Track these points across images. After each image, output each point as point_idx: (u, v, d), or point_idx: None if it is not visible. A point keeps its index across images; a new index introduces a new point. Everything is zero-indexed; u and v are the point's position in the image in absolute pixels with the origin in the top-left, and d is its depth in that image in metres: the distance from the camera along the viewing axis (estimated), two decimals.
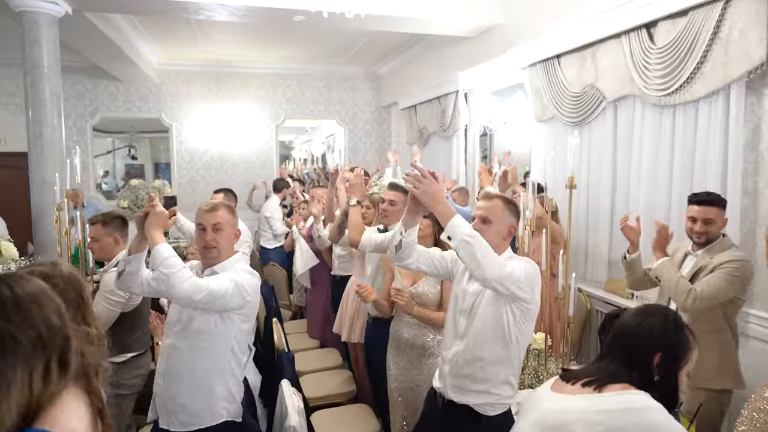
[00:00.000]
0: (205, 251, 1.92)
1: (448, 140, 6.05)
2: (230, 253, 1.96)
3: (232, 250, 1.98)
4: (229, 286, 1.78)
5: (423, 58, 6.61)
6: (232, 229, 1.94)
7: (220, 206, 1.95)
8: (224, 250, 1.94)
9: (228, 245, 1.94)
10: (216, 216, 1.91)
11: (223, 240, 1.92)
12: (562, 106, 3.83)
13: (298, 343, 3.71)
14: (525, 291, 1.73)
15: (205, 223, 1.90)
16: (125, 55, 5.93)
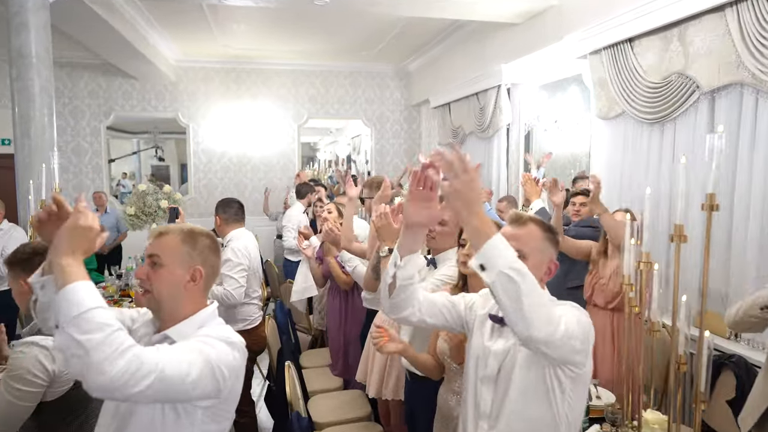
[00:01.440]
0: (143, 298, 1.27)
1: (488, 141, 5.42)
2: (191, 307, 1.25)
3: (197, 301, 1.27)
4: (193, 364, 1.10)
5: (458, 51, 5.99)
6: (183, 267, 1.24)
7: (171, 232, 1.28)
8: (168, 300, 1.23)
9: (173, 293, 1.23)
10: (157, 244, 1.26)
11: (161, 283, 1.23)
12: (635, 99, 3.18)
13: (317, 381, 3.13)
14: (580, 352, 1.27)
15: (145, 253, 1.29)
16: (137, 50, 5.49)
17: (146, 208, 4.77)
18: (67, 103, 6.89)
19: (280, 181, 7.51)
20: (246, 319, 3.04)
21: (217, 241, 1.36)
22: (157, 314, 1.28)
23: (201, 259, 1.27)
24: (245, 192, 7.46)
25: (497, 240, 1.12)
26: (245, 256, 2.93)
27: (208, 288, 1.32)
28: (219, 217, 3.07)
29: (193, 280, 1.26)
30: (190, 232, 1.29)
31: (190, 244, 1.27)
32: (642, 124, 3.21)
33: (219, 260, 1.34)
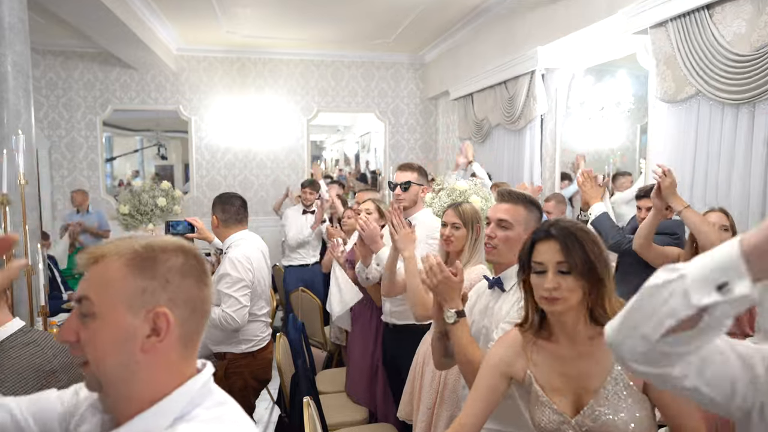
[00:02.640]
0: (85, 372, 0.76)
1: (518, 134, 4.92)
2: (160, 381, 0.75)
3: (171, 369, 0.76)
4: None
5: (483, 37, 5.50)
6: (134, 313, 0.74)
7: (110, 254, 0.75)
8: (115, 377, 0.74)
9: (121, 362, 0.74)
10: (88, 279, 0.76)
11: (98, 347, 0.73)
12: (714, 77, 2.67)
13: (337, 410, 2.64)
14: None
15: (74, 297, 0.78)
16: (136, 36, 5.04)
17: (141, 206, 4.31)
18: (61, 95, 6.43)
19: (288, 179, 7.04)
20: (250, 340, 2.54)
21: (197, 256, 0.82)
22: (102, 400, 0.78)
23: (167, 295, 0.76)
24: (251, 190, 6.99)
25: None
26: (247, 268, 2.41)
27: (192, 341, 0.80)
28: (216, 218, 2.53)
29: (156, 333, 0.74)
30: (146, 249, 0.77)
31: (144, 271, 0.75)
32: (722, 107, 2.70)
33: (205, 287, 0.82)
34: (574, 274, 1.18)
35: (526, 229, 1.59)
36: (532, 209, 1.64)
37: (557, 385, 1.22)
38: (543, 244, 1.22)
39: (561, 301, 1.18)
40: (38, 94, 6.31)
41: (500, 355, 1.30)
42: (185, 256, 0.79)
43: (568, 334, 1.23)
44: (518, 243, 1.55)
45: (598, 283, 1.18)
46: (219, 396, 0.79)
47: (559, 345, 1.24)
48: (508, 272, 1.61)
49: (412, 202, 2.55)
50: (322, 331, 3.63)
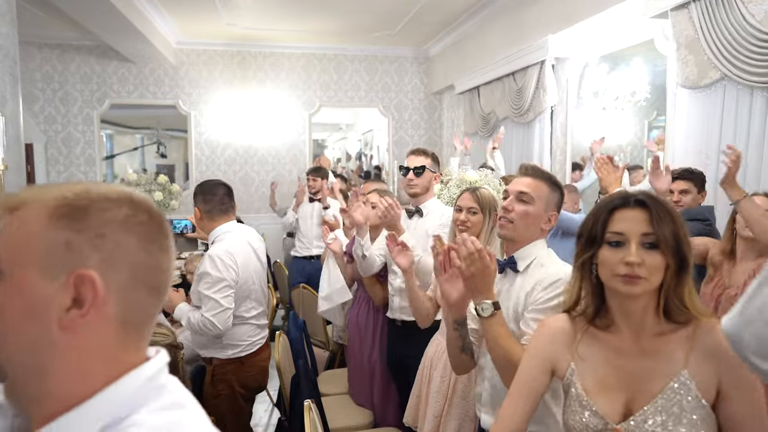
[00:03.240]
0: None
1: (527, 126, 4.76)
2: (86, 373, 0.55)
3: (104, 359, 0.57)
4: None
5: (490, 28, 5.34)
6: (51, 277, 0.54)
7: (32, 201, 0.55)
8: (23, 364, 0.54)
9: (33, 342, 0.54)
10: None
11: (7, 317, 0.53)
12: (742, 60, 2.51)
13: (339, 414, 2.48)
14: None
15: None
16: (134, 27, 4.90)
17: None
18: (57, 89, 6.29)
19: (290, 174, 6.89)
20: (237, 345, 2.27)
21: (153, 212, 0.62)
22: (9, 396, 0.59)
23: (100, 255, 0.56)
24: (251, 186, 6.84)
25: None
26: (229, 266, 2.14)
27: (137, 323, 0.61)
28: (198, 209, 2.26)
29: (79, 303, 0.55)
30: (77, 196, 0.57)
31: (71, 221, 0.56)
32: (751, 91, 2.54)
33: (160, 252, 0.62)
34: (662, 249, 0.99)
35: (546, 208, 1.45)
36: (555, 189, 1.48)
37: (608, 382, 1.04)
38: (625, 212, 1.02)
39: (643, 281, 0.98)
40: (34, 87, 6.18)
41: (544, 345, 1.12)
42: (134, 208, 0.60)
43: (633, 325, 1.04)
44: (536, 221, 1.42)
45: (683, 266, 1.00)
46: (176, 395, 0.60)
47: (618, 337, 1.05)
48: (523, 251, 1.45)
49: (424, 189, 2.41)
50: (324, 329, 3.47)
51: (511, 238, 1.46)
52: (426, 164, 2.43)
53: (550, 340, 1.12)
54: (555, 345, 1.11)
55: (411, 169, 2.42)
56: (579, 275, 1.09)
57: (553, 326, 1.14)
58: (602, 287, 1.06)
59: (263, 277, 2.40)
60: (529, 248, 1.44)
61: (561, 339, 1.11)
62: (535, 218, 1.43)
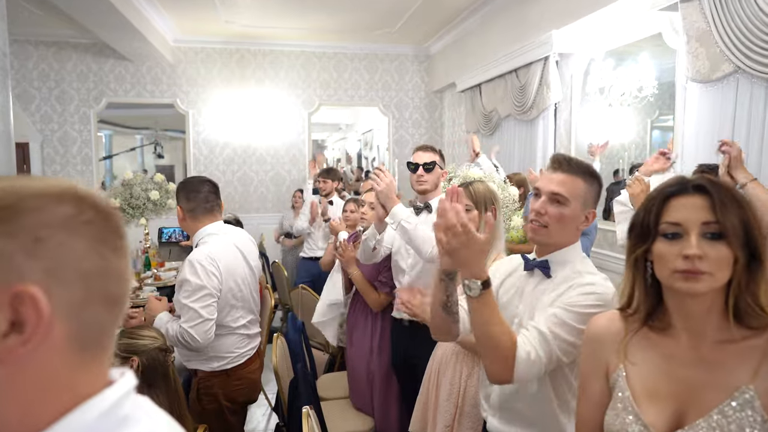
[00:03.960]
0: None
1: (530, 124, 4.68)
2: (35, 408, 0.45)
3: (57, 389, 0.46)
4: None
5: (491, 25, 5.26)
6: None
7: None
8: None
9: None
10: None
11: None
12: (757, 50, 2.42)
13: (339, 421, 2.38)
14: None
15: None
16: (132, 25, 4.82)
17: (133, 200, 4.07)
18: (53, 87, 6.20)
19: (289, 174, 6.81)
20: (223, 357, 2.07)
21: (101, 207, 0.52)
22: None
23: (40, 263, 0.46)
24: (250, 186, 6.75)
25: None
26: (211, 272, 1.93)
27: (93, 341, 0.51)
28: (181, 208, 2.06)
29: (18, 329, 0.45)
30: (4, 193, 0.47)
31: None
32: (766, 84, 2.46)
33: (113, 255, 0.52)
34: (729, 240, 0.86)
35: (584, 206, 1.30)
36: (593, 183, 1.32)
37: (659, 390, 0.92)
38: (682, 199, 0.90)
39: (706, 277, 0.86)
40: (30, 86, 6.10)
41: (594, 349, 1.02)
42: (77, 204, 0.49)
43: (693, 329, 0.92)
44: (573, 222, 1.29)
45: (755, 259, 0.86)
46: (142, 426, 0.50)
47: (675, 341, 0.94)
48: (558, 255, 1.31)
49: (434, 185, 2.34)
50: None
51: (545, 243, 1.34)
52: (435, 160, 2.37)
53: (599, 342, 1.02)
54: (605, 345, 1.01)
55: (420, 165, 2.35)
56: (632, 273, 0.97)
57: (603, 325, 1.03)
58: (659, 286, 0.95)
59: (253, 284, 2.20)
60: (564, 253, 1.31)
61: (611, 339, 1.00)
62: (572, 220, 1.29)
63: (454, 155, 6.54)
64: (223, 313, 2.03)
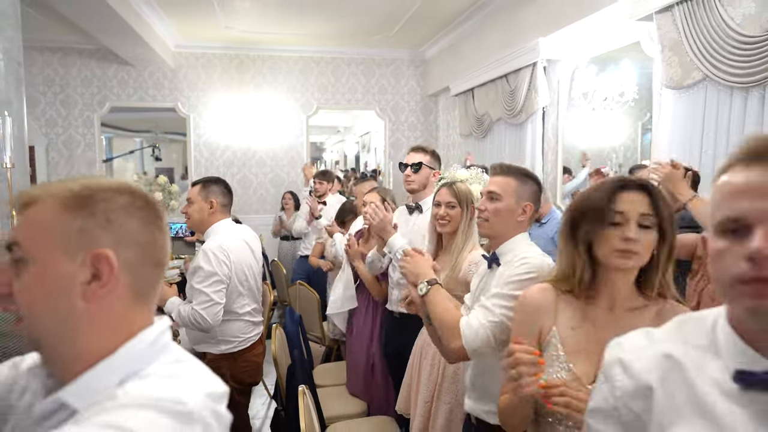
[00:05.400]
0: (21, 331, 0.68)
1: (519, 128, 4.85)
2: (106, 336, 0.67)
3: (117, 324, 0.68)
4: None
5: (484, 31, 5.44)
6: (69, 257, 0.65)
7: (44, 197, 0.67)
8: (52, 332, 0.66)
9: (58, 314, 0.65)
10: (20, 224, 0.69)
11: (32, 298, 0.65)
12: (722, 60, 2.60)
13: (334, 403, 2.56)
14: None
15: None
16: (134, 31, 4.99)
17: None
18: (58, 92, 6.38)
19: (288, 176, 6.98)
20: (230, 341, 2.30)
21: (148, 198, 0.75)
22: (44, 360, 0.71)
23: (110, 236, 0.67)
24: (250, 188, 6.93)
25: None
26: (222, 261, 2.17)
27: (145, 291, 0.72)
28: (214, 202, 2.31)
29: (97, 276, 0.66)
30: (82, 188, 0.68)
31: (80, 210, 0.67)
32: (731, 91, 2.63)
33: (158, 232, 0.74)
34: (656, 230, 1.11)
35: (519, 200, 1.52)
36: (526, 181, 1.55)
37: (584, 347, 1.13)
38: (628, 194, 1.12)
39: (636, 257, 1.09)
40: (35, 90, 6.26)
41: (528, 315, 1.21)
42: (131, 196, 0.71)
43: (612, 298, 1.15)
44: (510, 215, 1.50)
45: (670, 246, 1.12)
46: (176, 353, 0.72)
47: (597, 308, 1.15)
48: (504, 246, 1.54)
49: (422, 185, 2.47)
50: (320, 325, 3.55)
51: (489, 236, 1.56)
52: (424, 161, 2.48)
53: (534, 309, 1.20)
54: (540, 312, 1.19)
55: (409, 165, 2.48)
56: (577, 251, 1.15)
57: (537, 295, 1.21)
58: (592, 262, 1.15)
59: (258, 275, 2.44)
60: (509, 243, 1.53)
61: (546, 307, 1.19)
62: (507, 213, 1.51)
63: (449, 158, 6.72)
64: (231, 300, 2.24)
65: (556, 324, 1.17)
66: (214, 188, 2.31)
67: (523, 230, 1.54)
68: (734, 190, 0.66)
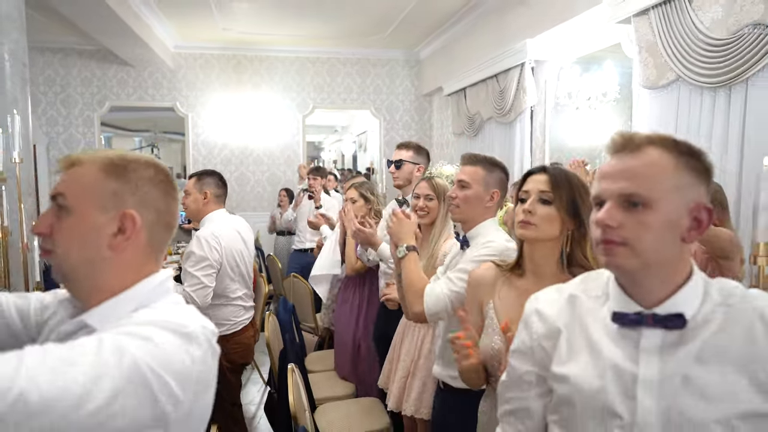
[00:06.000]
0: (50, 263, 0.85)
1: (509, 126, 4.99)
2: (124, 276, 0.83)
3: (134, 267, 0.85)
4: (101, 381, 0.64)
5: (475, 32, 5.58)
6: (104, 212, 0.82)
7: (88, 161, 0.84)
8: (82, 265, 0.81)
9: (89, 253, 0.82)
10: (65, 179, 0.84)
11: (69, 238, 0.81)
12: (692, 62, 2.74)
13: (324, 386, 2.70)
14: None
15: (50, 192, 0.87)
16: (134, 32, 5.12)
17: None
18: (59, 92, 6.51)
19: (284, 175, 7.11)
20: (223, 324, 2.43)
21: (167, 173, 0.93)
22: (71, 289, 0.87)
23: (136, 200, 0.85)
24: (247, 186, 7.06)
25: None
26: (214, 247, 2.33)
27: (157, 247, 0.89)
28: (208, 193, 2.47)
29: (123, 231, 0.83)
30: (119, 159, 0.86)
31: (116, 176, 0.84)
32: (701, 91, 2.77)
33: (172, 200, 0.92)
34: (556, 206, 1.25)
35: (486, 188, 1.66)
36: (493, 169, 1.69)
37: (515, 316, 1.25)
38: (533, 177, 1.31)
39: (533, 228, 1.24)
40: (36, 90, 6.39)
41: (474, 289, 1.38)
42: (155, 170, 0.90)
43: (535, 270, 1.29)
44: (478, 201, 1.65)
45: (581, 225, 1.24)
46: (177, 298, 0.90)
47: (527, 282, 1.29)
48: (474, 230, 1.68)
49: (405, 181, 2.60)
50: (313, 316, 3.68)
51: (460, 220, 1.71)
52: (405, 157, 2.61)
53: (476, 285, 1.38)
54: (482, 287, 1.36)
55: (393, 163, 2.62)
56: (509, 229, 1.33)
57: (481, 274, 1.39)
58: (522, 242, 1.32)
59: (249, 262, 2.59)
60: (478, 228, 1.67)
61: (486, 283, 1.36)
62: (475, 199, 1.65)
63: (442, 156, 6.86)
64: (223, 285, 2.41)
65: (494, 298, 1.33)
66: (208, 180, 2.47)
67: (491, 215, 1.68)
68: (598, 176, 0.87)
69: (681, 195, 0.80)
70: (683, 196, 0.80)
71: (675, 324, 0.79)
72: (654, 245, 0.79)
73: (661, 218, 0.79)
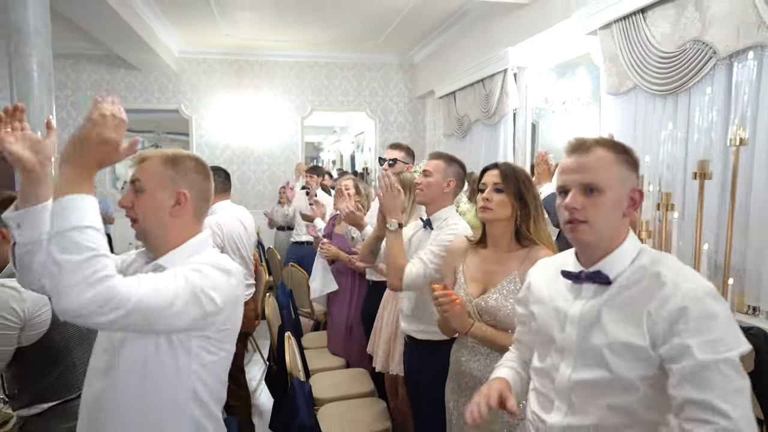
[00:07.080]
0: (134, 228, 1.24)
1: (494, 128, 5.32)
2: (181, 234, 1.22)
3: (187, 228, 1.23)
4: (176, 290, 1.05)
5: (464, 38, 5.91)
6: (166, 191, 1.20)
7: (153, 156, 1.24)
8: (155, 228, 1.21)
9: (159, 219, 1.20)
10: (139, 169, 1.22)
11: (145, 209, 1.20)
12: (646, 72, 3.08)
13: (318, 360, 3.04)
14: None
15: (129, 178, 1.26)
16: (141, 38, 5.45)
17: None
18: (70, 95, 6.85)
19: (284, 174, 7.45)
20: None
21: (205, 165, 1.30)
22: (147, 244, 1.26)
23: (185, 182, 1.23)
24: (248, 184, 7.41)
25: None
26: (216, 233, 2.66)
27: (200, 214, 1.28)
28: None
29: (179, 203, 1.21)
30: (173, 155, 1.25)
31: (172, 167, 1.22)
32: (654, 97, 3.11)
33: (209, 185, 1.30)
34: (506, 194, 1.62)
35: (445, 177, 2.03)
36: (452, 163, 2.06)
37: (477, 277, 1.67)
38: (489, 172, 1.68)
39: (490, 212, 1.62)
40: None
41: (451, 257, 1.77)
42: (196, 162, 1.30)
43: (494, 242, 1.68)
44: (438, 187, 2.01)
45: (526, 207, 1.62)
46: (215, 251, 1.28)
47: (487, 252, 1.69)
48: (437, 214, 2.05)
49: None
50: (309, 302, 4.02)
51: (423, 203, 2.08)
52: (399, 157, 2.93)
53: (451, 254, 1.78)
54: (455, 256, 1.76)
55: (386, 161, 2.95)
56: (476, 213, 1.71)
57: (456, 246, 1.79)
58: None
59: (249, 247, 2.94)
60: (440, 213, 2.05)
61: (459, 253, 1.76)
62: (436, 185, 2.03)
63: None
64: None
65: (464, 263, 1.72)
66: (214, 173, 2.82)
67: (449, 202, 2.05)
68: (560, 169, 1.13)
69: (622, 182, 1.07)
70: (623, 183, 1.07)
71: (601, 279, 1.07)
72: (605, 221, 1.06)
73: (610, 200, 1.05)
